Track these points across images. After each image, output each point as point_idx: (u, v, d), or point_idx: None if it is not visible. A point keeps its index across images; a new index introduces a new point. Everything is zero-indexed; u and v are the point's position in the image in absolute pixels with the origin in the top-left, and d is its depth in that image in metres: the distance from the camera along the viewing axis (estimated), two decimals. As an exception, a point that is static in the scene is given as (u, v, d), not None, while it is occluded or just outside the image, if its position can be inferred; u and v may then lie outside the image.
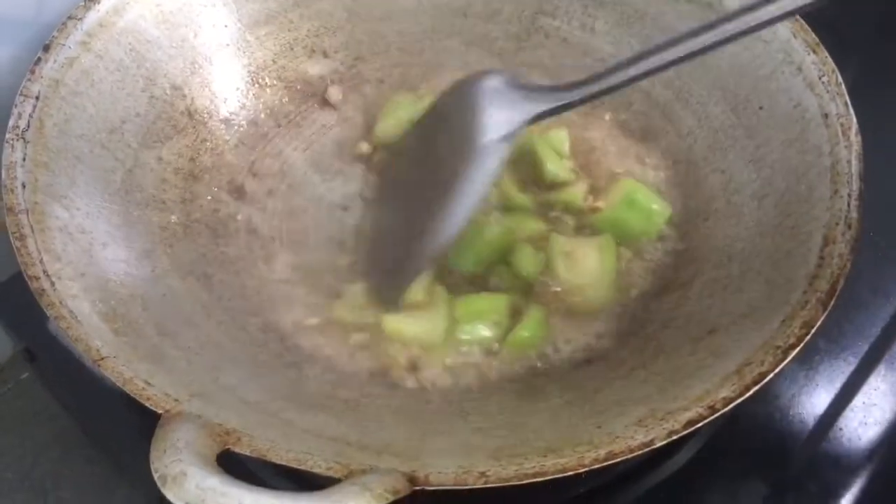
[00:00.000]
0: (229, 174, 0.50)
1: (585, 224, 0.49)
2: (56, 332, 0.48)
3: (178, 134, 0.49)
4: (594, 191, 0.51)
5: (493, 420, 0.39)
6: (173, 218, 0.46)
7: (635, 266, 0.47)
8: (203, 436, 0.31)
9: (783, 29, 0.47)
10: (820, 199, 0.42)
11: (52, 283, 0.36)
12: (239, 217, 0.49)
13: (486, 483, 0.32)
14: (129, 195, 0.45)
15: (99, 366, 0.34)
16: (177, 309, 0.41)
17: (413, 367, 0.43)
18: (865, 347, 0.48)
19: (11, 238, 0.37)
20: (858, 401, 0.46)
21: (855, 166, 0.42)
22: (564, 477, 0.33)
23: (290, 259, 0.48)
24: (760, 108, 0.47)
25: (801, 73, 0.46)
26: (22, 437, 0.59)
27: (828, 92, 0.45)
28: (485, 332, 0.44)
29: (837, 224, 0.40)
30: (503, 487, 0.33)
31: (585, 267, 0.47)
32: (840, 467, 0.43)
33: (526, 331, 0.44)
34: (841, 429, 0.45)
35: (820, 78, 0.45)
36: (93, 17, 0.46)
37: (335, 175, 0.51)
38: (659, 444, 0.33)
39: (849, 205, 0.40)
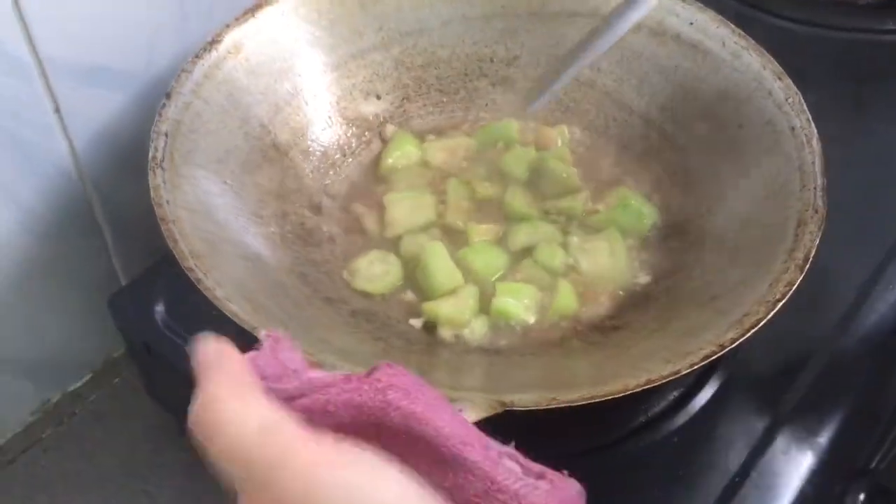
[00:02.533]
0: (309, 195, 0.61)
1: (587, 224, 0.60)
2: (167, 327, 0.58)
3: (267, 163, 0.59)
4: (594, 197, 0.62)
5: (547, 371, 0.49)
6: (272, 229, 0.56)
7: (646, 256, 0.58)
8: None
9: (755, 63, 0.59)
10: (792, 192, 0.53)
11: (205, 273, 0.46)
12: (323, 229, 0.59)
13: (557, 404, 0.42)
14: (239, 211, 0.55)
15: (254, 333, 0.44)
16: (288, 297, 0.51)
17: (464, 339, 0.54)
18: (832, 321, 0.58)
19: (168, 240, 0.48)
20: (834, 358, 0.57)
21: (818, 166, 0.53)
22: (612, 407, 0.43)
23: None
24: (740, 126, 0.59)
25: (771, 97, 0.58)
26: (118, 431, 0.68)
27: (793, 110, 0.56)
28: (521, 309, 0.55)
29: (807, 210, 0.51)
30: (554, 425, 0.43)
31: (601, 258, 0.58)
32: (817, 410, 0.54)
33: (563, 300, 0.55)
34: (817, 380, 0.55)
35: (786, 100, 0.57)
36: (199, 70, 0.57)
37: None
38: (683, 372, 0.43)
39: (815, 195, 0.52)
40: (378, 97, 0.66)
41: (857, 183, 0.62)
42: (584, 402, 0.42)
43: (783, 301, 0.46)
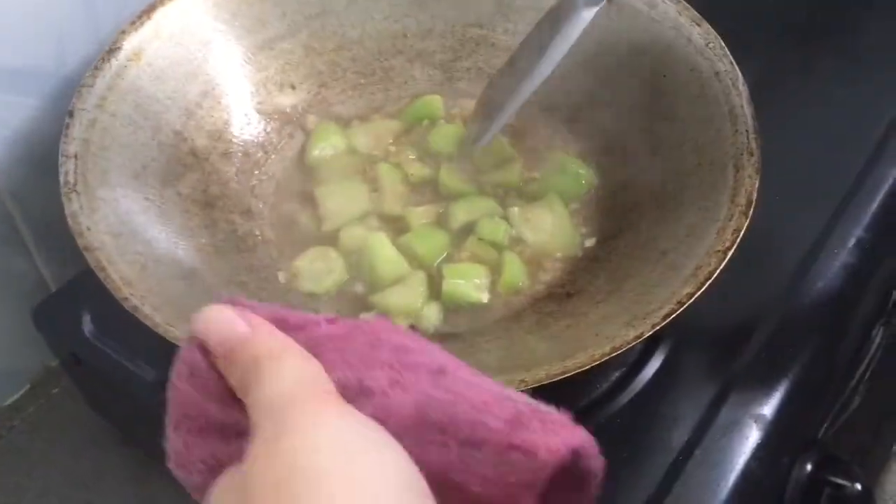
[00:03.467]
0: (236, 199, 0.58)
1: (525, 193, 0.59)
2: (95, 337, 0.56)
3: (188, 171, 0.56)
4: (528, 165, 0.61)
5: (511, 350, 0.49)
6: (203, 241, 0.54)
7: (589, 218, 0.58)
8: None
9: (671, 10, 0.58)
10: (725, 137, 0.53)
11: (142, 302, 0.44)
12: (256, 233, 0.57)
13: (525, 387, 0.41)
14: (165, 226, 0.52)
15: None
16: (232, 311, 0.49)
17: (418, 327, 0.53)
18: (777, 290, 0.57)
19: (96, 270, 0.45)
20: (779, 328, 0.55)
21: (747, 109, 0.53)
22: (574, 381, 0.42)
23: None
24: (664, 75, 0.58)
25: (692, 43, 0.57)
26: (60, 442, 0.65)
27: (715, 55, 0.56)
28: (472, 289, 0.54)
29: (742, 154, 0.51)
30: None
31: (544, 225, 0.57)
32: (761, 382, 0.53)
33: (511, 273, 0.54)
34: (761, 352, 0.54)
35: (707, 45, 0.56)
36: (101, 82, 0.54)
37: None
38: (646, 335, 0.43)
39: (748, 138, 0.51)
40: (293, 87, 0.63)
41: (803, 144, 0.61)
42: (551, 380, 0.42)
43: (733, 249, 0.46)
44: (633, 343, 0.43)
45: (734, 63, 0.55)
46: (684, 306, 0.44)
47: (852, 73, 0.70)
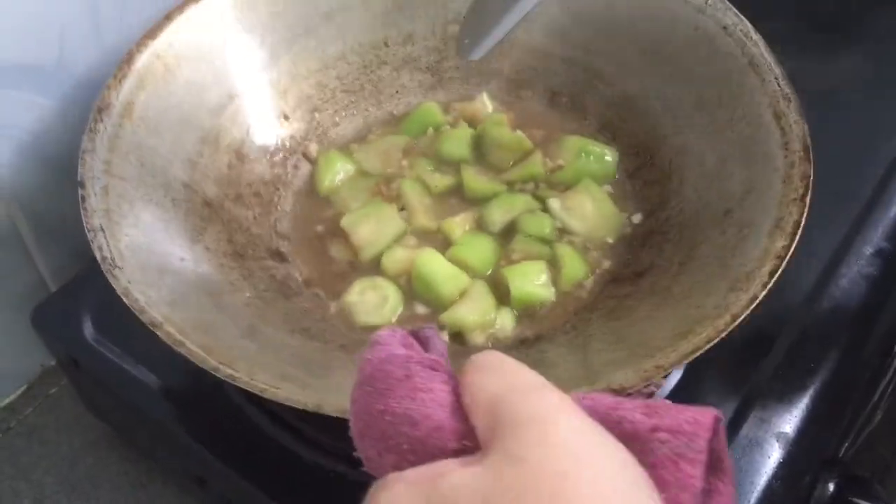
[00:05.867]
0: (263, 243, 0.54)
1: (555, 183, 0.58)
2: (95, 341, 0.54)
3: (208, 224, 0.52)
4: (548, 154, 0.59)
5: (608, 340, 0.47)
6: (248, 294, 0.50)
7: (627, 195, 0.57)
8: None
9: (659, -26, 0.58)
10: (753, 89, 0.52)
11: (235, 369, 0.40)
12: (295, 275, 0.53)
13: (664, 372, 0.40)
14: (207, 286, 0.48)
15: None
16: (312, 361, 0.46)
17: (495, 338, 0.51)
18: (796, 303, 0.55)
19: (174, 346, 0.41)
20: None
21: (769, 56, 0.53)
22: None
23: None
24: (667, 41, 0.57)
25: (688, 3, 0.57)
26: (57, 445, 0.62)
27: (717, 10, 0.55)
28: (540, 287, 0.52)
29: (779, 101, 0.51)
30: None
31: (586, 212, 0.56)
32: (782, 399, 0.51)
33: (571, 267, 0.52)
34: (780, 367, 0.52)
35: (706, 3, 0.56)
36: (101, 143, 0.49)
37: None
38: (760, 297, 0.42)
39: (779, 84, 0.51)
40: (286, 117, 0.60)
41: (821, 150, 0.55)
42: (684, 360, 0.40)
43: (808, 195, 0.46)
44: (753, 306, 0.42)
45: (741, 15, 0.55)
46: (785, 259, 0.43)
47: (872, 77, 0.69)
